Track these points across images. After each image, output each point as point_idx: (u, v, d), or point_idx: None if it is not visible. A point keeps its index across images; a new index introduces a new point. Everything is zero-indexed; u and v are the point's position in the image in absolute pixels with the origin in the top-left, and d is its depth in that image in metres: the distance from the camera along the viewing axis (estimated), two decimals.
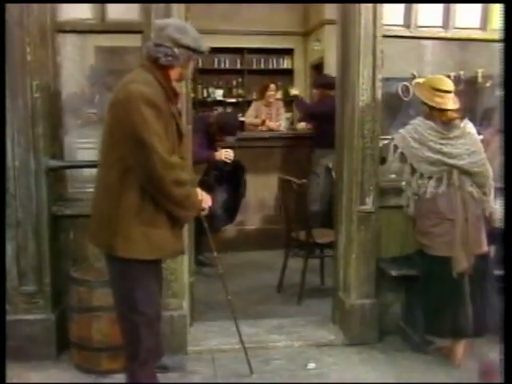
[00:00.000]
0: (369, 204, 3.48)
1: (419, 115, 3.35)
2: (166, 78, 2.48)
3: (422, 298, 3.33)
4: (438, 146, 3.20)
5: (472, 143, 3.25)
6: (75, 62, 3.52)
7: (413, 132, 3.26)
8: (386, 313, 3.62)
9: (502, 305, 2.27)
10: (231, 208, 5.04)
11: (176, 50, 2.44)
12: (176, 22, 2.62)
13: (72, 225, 3.35)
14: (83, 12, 3.28)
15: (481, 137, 3.42)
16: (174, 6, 3.19)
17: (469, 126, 3.28)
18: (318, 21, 9.11)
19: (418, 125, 3.26)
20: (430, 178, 3.24)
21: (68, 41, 3.40)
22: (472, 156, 3.22)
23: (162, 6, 3.16)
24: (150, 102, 2.33)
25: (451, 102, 3.25)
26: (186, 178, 2.50)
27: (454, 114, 3.26)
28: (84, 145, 3.53)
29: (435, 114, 3.24)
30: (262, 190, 5.58)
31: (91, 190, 3.32)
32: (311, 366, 3.29)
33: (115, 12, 3.29)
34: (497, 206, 3.27)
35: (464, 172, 3.21)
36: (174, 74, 2.51)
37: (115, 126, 2.39)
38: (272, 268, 4.62)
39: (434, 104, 3.23)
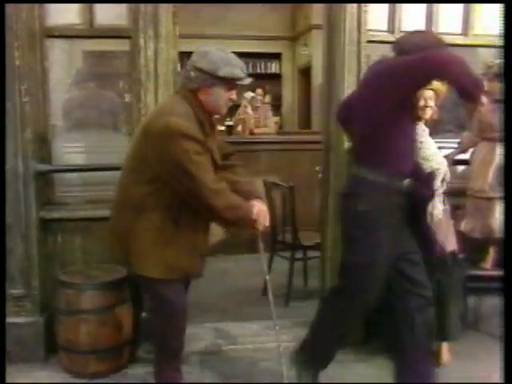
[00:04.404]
0: None
1: None
2: (200, 105, 2.47)
3: None
4: (436, 146, 3.14)
5: None
6: (63, 66, 3.54)
7: None
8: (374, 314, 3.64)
9: (503, 306, 2.32)
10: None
11: (192, 73, 2.44)
12: (208, 48, 2.47)
13: (60, 228, 3.37)
14: (72, 17, 3.30)
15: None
16: (163, 12, 3.23)
17: None
18: (305, 25, 9.20)
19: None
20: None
21: (56, 45, 3.42)
22: None
23: (149, 11, 3.20)
24: (190, 136, 2.35)
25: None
26: (236, 200, 2.51)
27: None
28: (72, 149, 3.55)
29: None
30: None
31: (79, 193, 3.39)
32: None
33: (103, 17, 3.31)
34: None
35: None
36: (202, 98, 2.47)
37: (152, 151, 2.40)
38: (259, 271, 4.64)
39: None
